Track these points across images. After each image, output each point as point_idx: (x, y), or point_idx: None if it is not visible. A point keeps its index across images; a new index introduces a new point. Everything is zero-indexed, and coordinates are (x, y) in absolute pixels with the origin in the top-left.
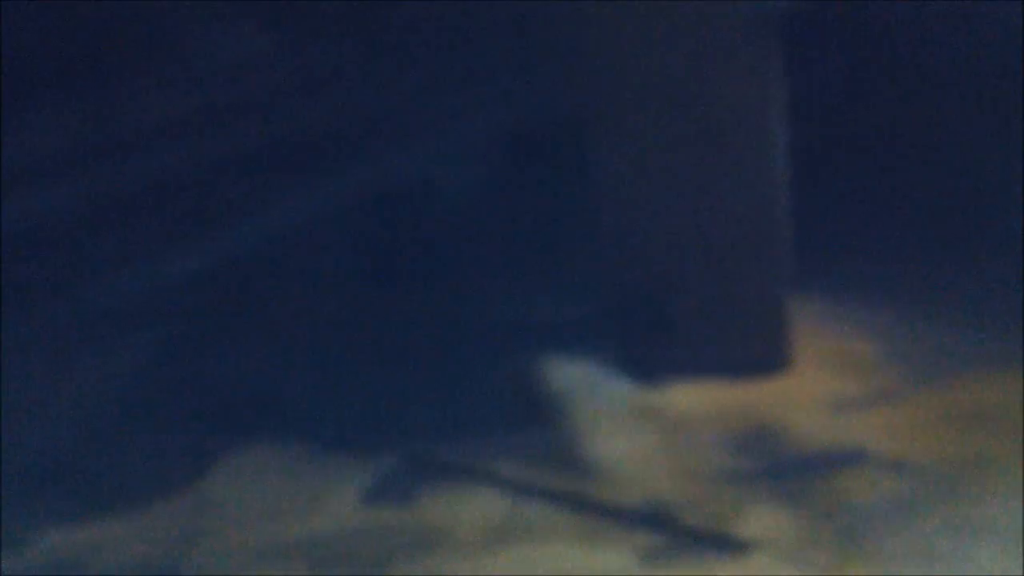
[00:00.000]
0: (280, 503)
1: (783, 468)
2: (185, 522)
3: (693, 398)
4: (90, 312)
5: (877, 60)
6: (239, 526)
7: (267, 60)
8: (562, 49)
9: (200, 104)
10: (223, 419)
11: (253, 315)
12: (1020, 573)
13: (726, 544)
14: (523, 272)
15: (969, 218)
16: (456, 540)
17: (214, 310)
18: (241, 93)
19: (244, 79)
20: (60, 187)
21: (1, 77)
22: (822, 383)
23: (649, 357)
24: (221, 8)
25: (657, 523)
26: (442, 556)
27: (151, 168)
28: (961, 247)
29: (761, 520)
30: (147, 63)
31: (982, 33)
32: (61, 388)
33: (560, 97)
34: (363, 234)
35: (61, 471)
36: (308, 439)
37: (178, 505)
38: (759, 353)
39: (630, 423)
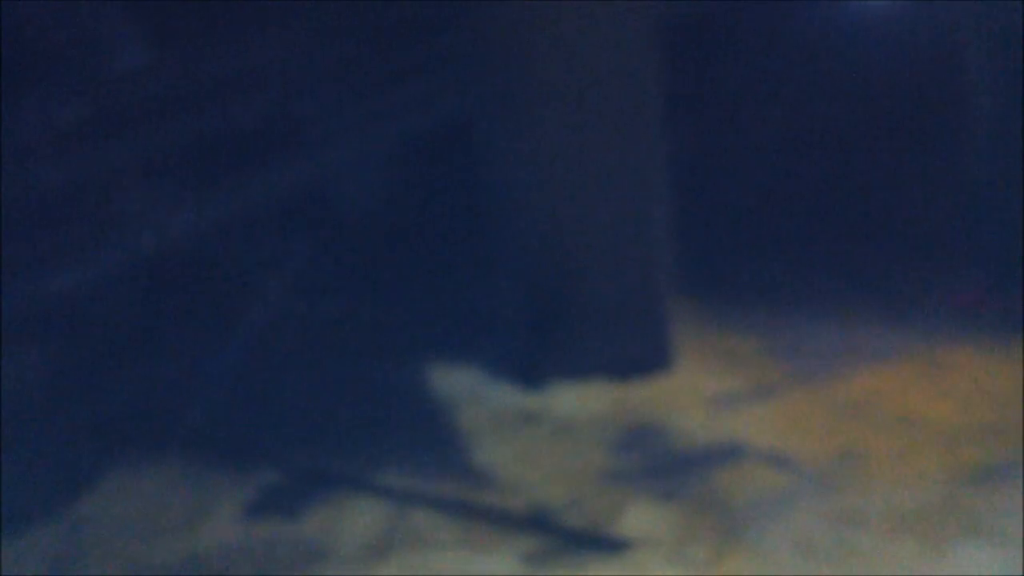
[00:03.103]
0: (159, 520)
1: (664, 466)
2: (61, 541)
3: (576, 399)
4: None
5: (759, 65)
6: (117, 544)
7: (160, 69)
8: (456, 52)
9: (90, 113)
10: (100, 435)
11: (132, 331)
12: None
13: (607, 543)
14: (409, 277)
15: (848, 217)
16: (339, 552)
17: (93, 325)
18: (135, 101)
19: (139, 87)
20: None
21: None
22: (703, 381)
23: (533, 360)
24: (111, 15)
25: (539, 526)
26: (325, 569)
27: (33, 179)
28: (840, 246)
29: (641, 518)
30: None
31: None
32: None
33: (451, 102)
34: (253, 242)
35: None
36: (188, 454)
37: (54, 524)
38: (641, 352)
39: (513, 427)
